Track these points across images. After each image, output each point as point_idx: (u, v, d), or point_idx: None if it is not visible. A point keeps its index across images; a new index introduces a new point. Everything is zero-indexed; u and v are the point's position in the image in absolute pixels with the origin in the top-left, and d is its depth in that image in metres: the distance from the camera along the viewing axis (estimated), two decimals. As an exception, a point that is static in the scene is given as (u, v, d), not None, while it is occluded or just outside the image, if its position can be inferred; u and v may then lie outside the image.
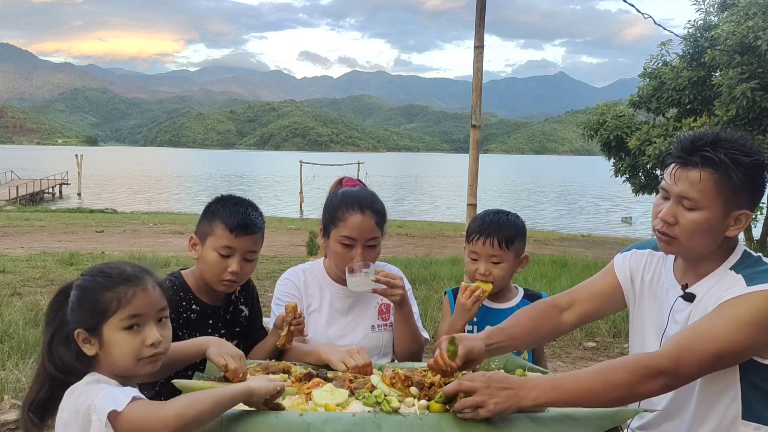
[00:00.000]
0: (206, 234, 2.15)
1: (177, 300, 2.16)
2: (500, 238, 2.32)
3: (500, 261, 2.34)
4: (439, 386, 1.73)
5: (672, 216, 1.76)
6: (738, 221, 1.74)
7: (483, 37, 4.96)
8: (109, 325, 1.52)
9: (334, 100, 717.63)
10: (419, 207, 37.10)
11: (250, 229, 2.14)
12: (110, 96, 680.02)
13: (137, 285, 1.55)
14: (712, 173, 1.69)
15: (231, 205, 2.16)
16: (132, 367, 1.55)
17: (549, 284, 7.66)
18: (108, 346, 1.53)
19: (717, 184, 1.70)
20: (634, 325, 2.06)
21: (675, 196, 1.75)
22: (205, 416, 1.44)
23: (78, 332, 1.53)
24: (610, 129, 11.88)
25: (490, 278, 2.34)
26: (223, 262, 2.12)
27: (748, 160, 1.69)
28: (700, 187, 1.70)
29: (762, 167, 1.73)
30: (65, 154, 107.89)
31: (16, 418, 3.66)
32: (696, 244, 1.77)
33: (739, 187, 1.70)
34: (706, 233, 1.74)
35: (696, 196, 1.71)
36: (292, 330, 2.16)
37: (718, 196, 1.70)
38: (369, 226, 2.28)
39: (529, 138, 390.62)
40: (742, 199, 1.72)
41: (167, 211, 28.86)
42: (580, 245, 15.51)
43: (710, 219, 1.72)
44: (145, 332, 1.55)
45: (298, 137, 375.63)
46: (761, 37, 9.20)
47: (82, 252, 10.88)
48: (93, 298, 1.53)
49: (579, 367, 5.34)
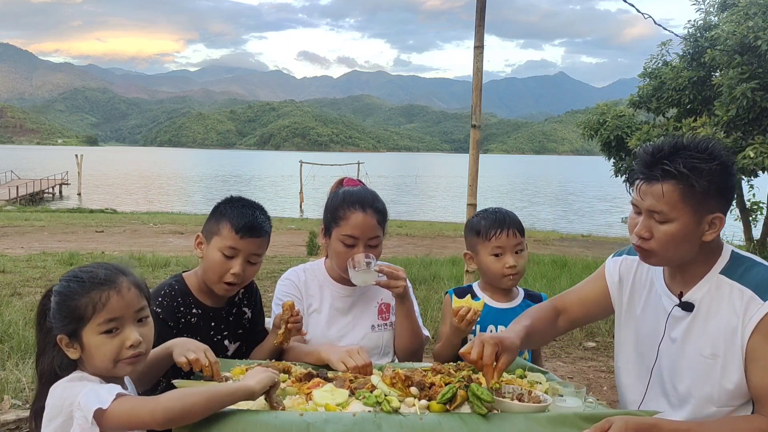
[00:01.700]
0: (212, 233, 2.15)
1: (175, 306, 2.15)
2: (517, 227, 2.40)
3: (523, 249, 2.41)
4: (439, 386, 1.73)
5: (646, 231, 1.78)
6: (712, 225, 1.75)
7: (483, 37, 4.96)
8: (87, 330, 1.53)
9: (334, 100, 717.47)
10: (419, 207, 37.08)
11: (256, 232, 2.14)
12: (110, 96, 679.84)
13: (111, 288, 1.55)
14: (675, 185, 1.71)
15: (239, 207, 2.16)
16: (112, 369, 1.56)
17: (549, 284, 7.65)
18: (89, 349, 1.54)
19: (682, 195, 1.71)
20: (622, 331, 2.06)
21: (645, 211, 1.78)
22: (195, 411, 1.44)
23: (60, 338, 1.55)
24: (610, 129, 11.87)
25: (517, 269, 2.38)
26: (226, 263, 2.11)
27: (707, 166, 1.70)
28: (666, 200, 1.72)
29: (726, 169, 1.73)
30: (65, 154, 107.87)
31: (16, 418, 3.66)
32: (674, 254, 1.79)
33: (705, 192, 1.71)
34: (681, 242, 1.75)
35: (664, 209, 1.73)
36: (290, 328, 2.15)
37: (686, 205, 1.71)
38: (370, 225, 2.29)
39: (529, 138, 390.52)
40: (711, 203, 1.73)
41: (167, 211, 28.85)
42: (580, 245, 15.51)
43: (683, 228, 1.73)
44: (125, 334, 1.55)
45: (298, 137, 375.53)
46: (761, 37, 9.19)
47: (82, 252, 10.87)
48: (69, 304, 1.54)
49: (579, 367, 5.34)
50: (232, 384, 1.55)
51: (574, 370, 5.24)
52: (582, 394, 1.78)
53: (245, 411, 1.55)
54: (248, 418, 1.51)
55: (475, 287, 2.49)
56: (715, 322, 1.77)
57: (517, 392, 1.77)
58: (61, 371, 1.57)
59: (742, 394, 1.75)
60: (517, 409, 1.66)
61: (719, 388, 1.76)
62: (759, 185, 11.72)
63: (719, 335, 1.76)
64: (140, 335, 1.57)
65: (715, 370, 1.76)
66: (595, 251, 13.94)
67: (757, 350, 1.69)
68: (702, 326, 1.80)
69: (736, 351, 1.73)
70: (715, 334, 1.77)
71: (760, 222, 12.07)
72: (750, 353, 1.71)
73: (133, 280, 1.61)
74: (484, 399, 1.63)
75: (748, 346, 1.71)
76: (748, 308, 1.71)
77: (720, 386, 1.76)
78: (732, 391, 1.75)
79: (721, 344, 1.75)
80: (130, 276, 1.61)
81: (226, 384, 1.55)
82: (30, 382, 4.15)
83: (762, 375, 1.69)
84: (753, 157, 9.26)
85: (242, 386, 1.54)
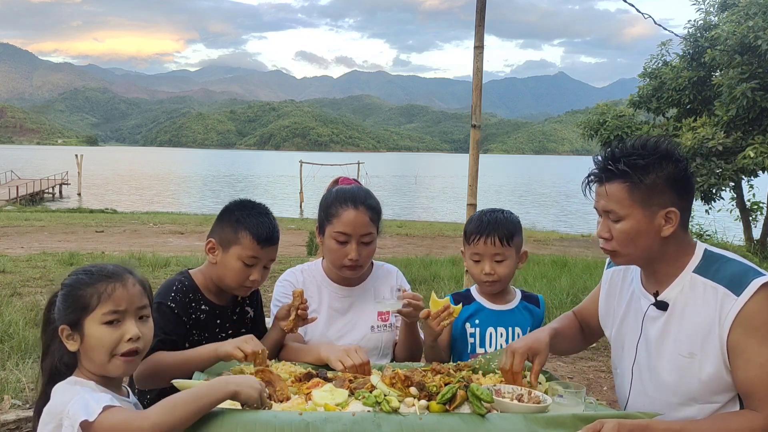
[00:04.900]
0: (230, 242, 2.16)
1: (186, 302, 2.19)
2: (501, 236, 2.32)
3: (504, 258, 2.33)
4: (439, 387, 1.73)
5: (606, 231, 1.85)
6: (668, 220, 1.78)
7: (483, 37, 4.96)
8: (90, 320, 1.56)
9: (334, 100, 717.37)
10: (419, 207, 37.07)
11: (275, 240, 2.20)
12: (110, 96, 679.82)
13: (117, 281, 1.60)
14: (620, 183, 1.78)
15: (256, 215, 2.19)
16: (107, 363, 1.57)
17: (549, 284, 7.64)
18: (88, 340, 1.56)
19: (628, 192, 1.77)
20: (613, 332, 2.09)
21: (602, 212, 1.85)
22: (184, 422, 1.44)
23: (62, 328, 1.58)
24: (610, 129, 11.88)
25: (495, 277, 2.33)
26: (246, 271, 2.16)
27: (645, 161, 1.75)
28: (614, 198, 1.79)
29: (671, 162, 1.77)
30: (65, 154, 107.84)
31: (16, 418, 3.66)
32: (635, 252, 1.83)
33: (652, 188, 1.76)
34: (638, 238, 1.80)
35: (615, 207, 1.79)
36: (300, 314, 2.19)
37: (633, 202, 1.77)
38: (363, 222, 2.28)
39: (529, 138, 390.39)
40: (661, 198, 1.77)
41: (167, 211, 28.84)
42: (580, 245, 15.50)
43: (636, 225, 1.78)
44: (125, 327, 1.58)
45: (298, 137, 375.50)
46: (761, 37, 9.19)
47: (82, 252, 10.87)
48: (75, 294, 1.58)
49: (579, 367, 5.34)
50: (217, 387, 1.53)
51: (574, 370, 5.24)
52: (582, 394, 1.78)
53: (245, 411, 1.55)
54: (248, 418, 1.51)
55: (473, 290, 2.49)
56: (691, 322, 1.79)
57: (516, 392, 1.77)
58: (62, 367, 1.61)
59: (722, 389, 1.77)
60: (517, 409, 1.66)
61: (699, 385, 1.78)
62: (759, 185, 11.72)
63: (696, 334, 1.78)
64: (140, 332, 1.60)
65: (693, 369, 1.78)
66: (595, 251, 13.93)
67: (739, 345, 1.71)
68: (678, 326, 1.82)
69: (714, 348, 1.75)
70: (691, 333, 1.79)
71: (760, 222, 12.07)
72: (732, 349, 1.72)
73: (138, 278, 1.67)
74: (483, 399, 1.63)
75: (729, 343, 1.72)
76: (724, 305, 1.72)
77: (700, 383, 1.78)
78: (710, 386, 1.77)
79: (698, 343, 1.77)
80: (135, 275, 1.67)
81: (211, 387, 1.53)
82: (30, 381, 4.15)
83: (746, 369, 1.70)
84: (753, 157, 9.26)
85: (226, 390, 1.53)
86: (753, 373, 1.69)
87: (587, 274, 8.62)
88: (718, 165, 9.77)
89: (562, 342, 2.11)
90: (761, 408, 1.69)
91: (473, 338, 2.39)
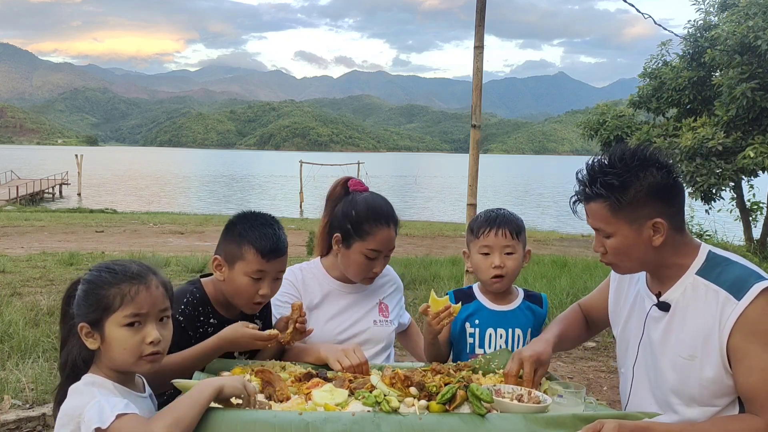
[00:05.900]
0: (235, 258, 2.10)
1: (195, 315, 2.14)
2: (511, 229, 2.34)
3: (513, 252, 2.34)
4: (439, 387, 1.73)
5: (600, 246, 1.89)
6: (656, 230, 1.79)
7: (483, 37, 4.95)
8: (111, 321, 1.54)
9: (334, 100, 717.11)
10: (419, 207, 37.07)
11: (281, 252, 2.12)
12: (110, 96, 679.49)
13: (141, 283, 1.57)
14: (601, 202, 1.79)
15: (259, 227, 2.11)
16: (131, 364, 1.57)
17: (549, 284, 7.65)
18: (109, 341, 1.55)
19: (610, 210, 1.79)
20: (618, 331, 2.10)
21: (594, 229, 1.87)
22: (190, 428, 1.45)
23: (82, 326, 1.56)
24: (610, 129, 11.88)
25: (504, 270, 2.32)
26: (255, 285, 2.10)
27: (619, 181, 1.75)
28: (598, 218, 1.82)
29: (650, 173, 1.76)
30: (65, 154, 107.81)
31: (16, 418, 3.66)
32: (630, 263, 1.86)
33: (633, 203, 1.76)
34: (630, 251, 1.82)
35: (601, 225, 1.82)
36: (298, 327, 2.16)
37: (618, 219, 1.79)
38: (393, 238, 2.37)
39: (529, 138, 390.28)
40: (644, 210, 1.77)
41: (167, 211, 28.85)
42: (580, 245, 15.49)
43: (624, 240, 1.80)
44: (146, 330, 1.57)
45: (298, 137, 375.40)
46: (761, 37, 9.19)
47: (82, 252, 10.88)
48: (97, 293, 1.55)
49: (579, 367, 5.34)
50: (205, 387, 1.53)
51: (574, 370, 5.25)
52: (582, 394, 1.78)
53: (244, 411, 1.55)
54: (248, 418, 1.51)
55: (474, 288, 2.48)
56: (692, 324, 1.79)
57: (516, 392, 1.77)
58: (80, 362, 1.59)
59: (723, 392, 1.77)
60: (517, 409, 1.66)
61: (699, 388, 1.78)
62: (759, 185, 11.71)
63: (697, 336, 1.78)
64: (160, 335, 1.59)
65: (694, 371, 1.78)
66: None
67: (740, 350, 1.71)
68: (679, 328, 1.82)
69: (714, 351, 1.75)
70: (692, 336, 1.79)
71: (760, 222, 12.07)
72: (732, 354, 1.72)
73: (161, 279, 1.64)
74: (483, 399, 1.63)
75: (729, 347, 1.72)
76: (724, 309, 1.72)
77: (700, 386, 1.78)
78: (710, 388, 1.77)
79: (698, 345, 1.77)
80: (159, 276, 1.64)
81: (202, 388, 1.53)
82: (30, 381, 4.15)
83: (747, 374, 1.71)
84: (753, 157, 9.26)
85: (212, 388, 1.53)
86: (754, 378, 1.69)
87: (587, 274, 8.63)
88: (718, 165, 9.77)
89: (564, 344, 2.15)
90: (762, 413, 1.69)
91: (472, 338, 2.39)
